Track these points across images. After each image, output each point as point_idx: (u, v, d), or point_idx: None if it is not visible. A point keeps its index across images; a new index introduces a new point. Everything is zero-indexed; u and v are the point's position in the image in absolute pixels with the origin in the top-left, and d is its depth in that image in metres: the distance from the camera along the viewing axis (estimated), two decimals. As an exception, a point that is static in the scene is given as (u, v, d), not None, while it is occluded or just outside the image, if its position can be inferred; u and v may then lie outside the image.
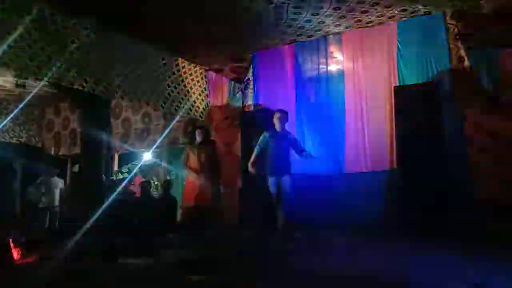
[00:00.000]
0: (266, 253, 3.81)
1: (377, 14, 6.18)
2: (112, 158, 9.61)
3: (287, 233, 5.09)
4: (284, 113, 5.62)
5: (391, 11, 6.11)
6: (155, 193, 8.88)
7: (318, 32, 6.85)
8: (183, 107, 7.63)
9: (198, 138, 6.09)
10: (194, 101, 7.93)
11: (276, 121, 5.53)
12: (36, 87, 8.23)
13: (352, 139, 6.67)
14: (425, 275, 2.37)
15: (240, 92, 8.02)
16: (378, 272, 2.55)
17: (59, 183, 8.75)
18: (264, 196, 5.36)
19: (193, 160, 5.91)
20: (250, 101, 7.80)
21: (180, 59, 7.67)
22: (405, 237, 4.41)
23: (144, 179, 8.80)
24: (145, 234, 5.51)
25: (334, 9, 5.96)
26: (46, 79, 5.60)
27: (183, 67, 7.78)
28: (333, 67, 7.07)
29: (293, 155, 5.61)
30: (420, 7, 5.97)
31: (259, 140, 5.49)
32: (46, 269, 2.48)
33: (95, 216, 6.59)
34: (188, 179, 6.03)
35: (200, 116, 8.11)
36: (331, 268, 2.78)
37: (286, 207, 5.22)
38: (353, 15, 6.19)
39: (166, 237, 5.79)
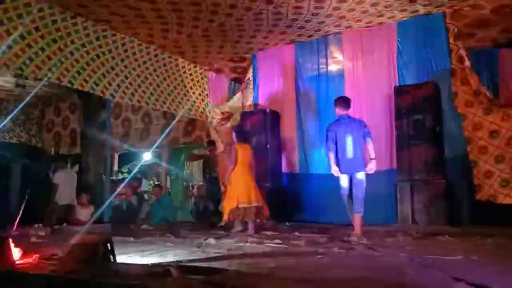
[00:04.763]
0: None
1: (377, 14, 6.18)
2: (112, 158, 9.61)
3: None
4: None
5: (391, 11, 6.11)
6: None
7: (318, 32, 6.85)
8: (183, 107, 7.64)
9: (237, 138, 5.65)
10: (194, 101, 7.94)
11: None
12: (36, 87, 8.24)
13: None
14: (427, 275, 2.37)
15: (240, 92, 8.02)
16: (379, 272, 2.55)
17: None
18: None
19: (243, 159, 5.42)
20: (250, 101, 7.79)
21: (180, 59, 7.68)
22: (405, 236, 4.41)
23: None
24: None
25: (334, 9, 5.97)
26: (46, 79, 5.61)
27: (183, 67, 7.79)
28: (333, 67, 7.07)
29: None
30: (420, 7, 5.97)
31: None
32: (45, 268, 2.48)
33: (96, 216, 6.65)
34: (235, 178, 5.37)
35: (200, 116, 8.12)
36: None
37: None
38: (353, 15, 6.19)
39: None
